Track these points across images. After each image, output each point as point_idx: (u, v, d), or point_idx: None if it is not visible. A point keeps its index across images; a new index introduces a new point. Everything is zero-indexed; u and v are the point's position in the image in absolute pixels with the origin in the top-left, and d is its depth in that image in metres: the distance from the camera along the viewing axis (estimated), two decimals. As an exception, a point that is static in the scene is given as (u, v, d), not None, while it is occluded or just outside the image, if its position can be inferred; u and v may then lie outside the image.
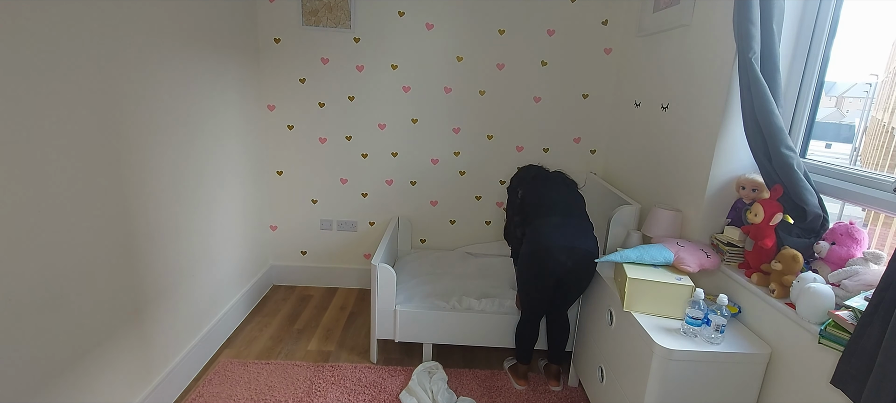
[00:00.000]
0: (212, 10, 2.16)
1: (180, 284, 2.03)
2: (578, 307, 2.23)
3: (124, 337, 1.69)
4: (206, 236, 2.23)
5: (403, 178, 2.99)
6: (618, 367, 1.73)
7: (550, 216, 2.01)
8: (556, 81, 2.82)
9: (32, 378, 1.32)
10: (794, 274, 1.41)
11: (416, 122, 2.88)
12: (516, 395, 2.16)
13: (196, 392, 2.04)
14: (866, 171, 1.50)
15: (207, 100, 2.17)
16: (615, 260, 1.74)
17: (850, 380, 1.13)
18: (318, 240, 3.09)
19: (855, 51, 1.66)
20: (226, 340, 2.47)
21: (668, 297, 1.59)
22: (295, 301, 2.95)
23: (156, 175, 1.81)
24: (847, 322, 1.18)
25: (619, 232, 2.13)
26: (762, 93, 1.46)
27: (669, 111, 2.11)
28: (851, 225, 1.41)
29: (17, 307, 1.25)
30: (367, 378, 2.21)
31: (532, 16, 2.71)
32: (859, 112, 1.91)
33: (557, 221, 1.98)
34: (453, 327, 2.26)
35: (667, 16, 2.15)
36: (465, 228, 3.08)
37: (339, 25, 2.68)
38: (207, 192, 2.22)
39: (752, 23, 1.47)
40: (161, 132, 1.82)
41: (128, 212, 1.66)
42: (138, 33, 1.66)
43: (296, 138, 2.89)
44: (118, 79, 1.57)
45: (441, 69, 2.79)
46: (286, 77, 2.78)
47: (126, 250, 1.67)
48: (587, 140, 2.93)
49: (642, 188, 2.34)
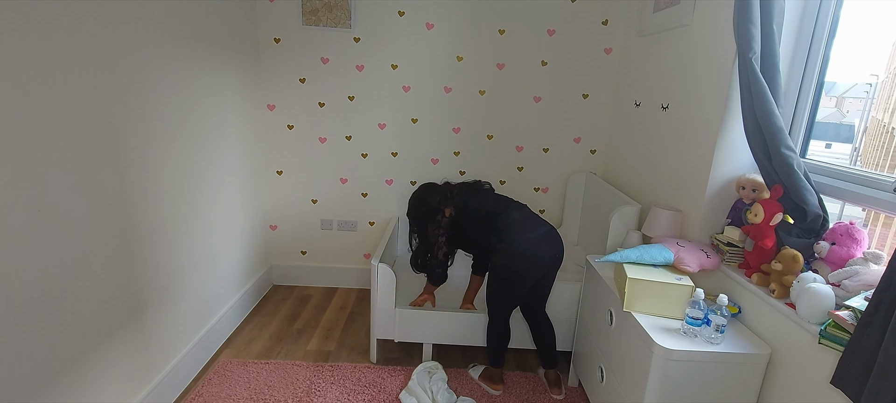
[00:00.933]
0: (212, 9, 2.16)
1: (180, 284, 2.03)
2: (578, 307, 2.23)
3: (124, 337, 1.69)
4: (206, 236, 2.23)
5: (403, 178, 2.99)
6: (618, 367, 1.73)
7: (510, 212, 2.03)
8: (556, 81, 2.82)
9: (32, 378, 1.32)
10: (795, 274, 1.41)
11: (416, 122, 2.88)
12: (516, 395, 2.16)
13: (196, 392, 2.04)
14: (866, 171, 1.50)
15: (207, 100, 2.17)
16: (615, 260, 1.74)
17: (850, 380, 1.13)
18: (318, 240, 3.09)
19: (855, 51, 1.66)
20: (226, 340, 2.47)
21: (668, 297, 1.59)
22: (295, 300, 2.95)
23: (156, 175, 1.81)
24: (847, 322, 1.18)
25: (619, 232, 2.13)
26: (762, 93, 1.46)
27: (669, 111, 2.11)
28: (851, 226, 1.41)
29: (17, 307, 1.25)
30: (367, 377, 2.21)
31: (532, 16, 2.71)
32: (859, 112, 1.91)
33: (519, 216, 2.01)
34: (453, 327, 2.26)
35: (667, 16, 2.15)
36: (465, 228, 3.08)
37: (339, 25, 2.68)
38: (207, 192, 2.22)
39: (752, 23, 1.47)
40: (161, 132, 1.82)
41: (127, 212, 1.66)
42: (138, 33, 1.66)
43: (296, 138, 2.89)
44: (118, 79, 1.57)
45: (441, 69, 2.79)
46: (286, 77, 2.78)
47: (126, 250, 1.67)
48: (587, 140, 2.93)
49: (642, 188, 2.34)
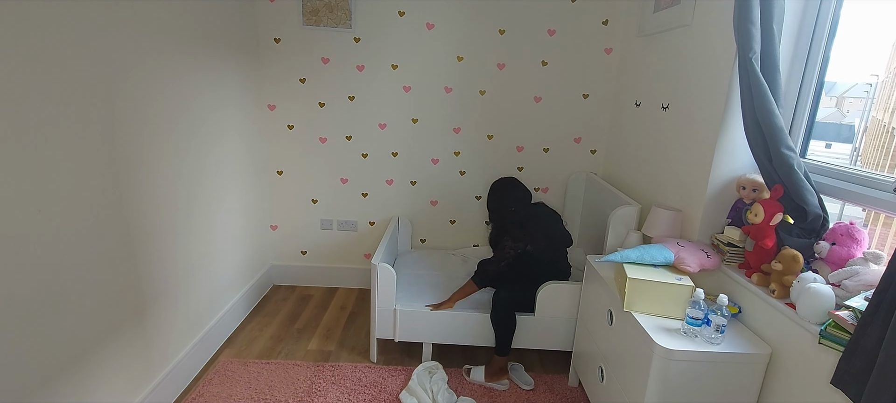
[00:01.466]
0: (212, 10, 2.16)
1: (180, 284, 2.03)
2: (578, 307, 2.23)
3: (124, 337, 1.69)
4: (206, 236, 2.23)
5: (403, 178, 2.99)
6: (618, 367, 1.73)
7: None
8: (556, 81, 2.82)
9: (32, 378, 1.32)
10: (795, 274, 1.41)
11: (417, 122, 2.88)
12: (516, 395, 2.16)
13: (196, 392, 2.04)
14: (866, 171, 1.50)
15: (208, 100, 2.17)
16: (615, 260, 1.74)
17: (850, 380, 1.13)
18: (319, 240, 3.09)
19: (855, 51, 1.66)
20: (226, 340, 2.47)
21: (668, 297, 1.59)
22: (295, 300, 2.95)
23: (156, 174, 1.81)
24: (847, 322, 1.18)
25: (619, 232, 2.13)
26: (762, 93, 1.46)
27: (670, 111, 2.11)
28: (851, 226, 1.41)
29: (17, 307, 1.25)
30: (367, 377, 2.21)
31: (532, 16, 2.71)
32: (859, 112, 1.91)
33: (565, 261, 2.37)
34: (453, 327, 2.26)
35: (667, 16, 2.15)
36: (465, 228, 3.08)
37: (340, 25, 2.68)
38: (207, 192, 2.22)
39: (752, 23, 1.47)
40: (161, 131, 1.83)
41: (128, 212, 1.66)
42: (138, 33, 1.66)
43: (296, 138, 2.89)
44: (118, 79, 1.57)
45: (441, 69, 2.79)
46: (286, 77, 2.78)
47: (126, 250, 1.67)
48: (587, 140, 2.93)
49: (642, 188, 2.34)
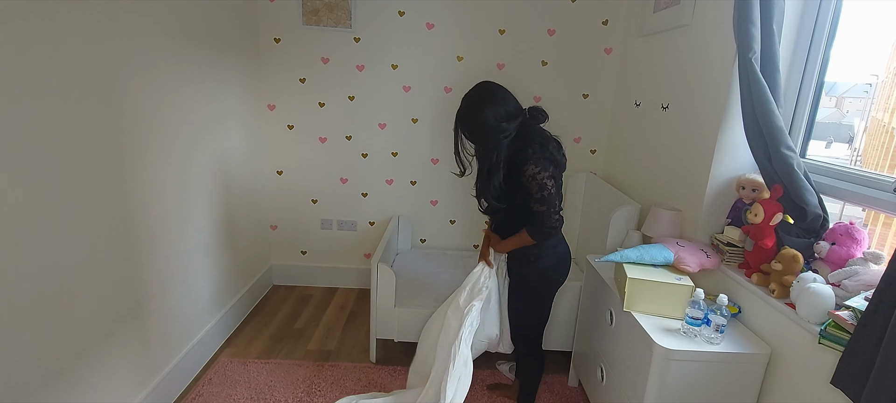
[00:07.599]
0: (212, 10, 2.16)
1: (180, 283, 2.03)
2: (578, 307, 2.23)
3: (124, 337, 1.69)
4: (206, 235, 2.23)
5: (403, 178, 2.99)
6: (618, 367, 1.73)
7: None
8: (556, 81, 2.82)
9: (32, 378, 1.32)
10: (794, 274, 1.41)
11: (416, 122, 2.88)
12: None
13: (196, 392, 2.04)
14: (866, 171, 1.50)
15: (207, 100, 2.17)
16: (615, 260, 1.73)
17: (850, 380, 1.13)
18: (318, 240, 3.09)
19: (855, 51, 1.66)
20: (226, 340, 2.47)
21: (668, 297, 1.59)
22: (295, 300, 2.95)
23: (156, 174, 1.81)
24: (847, 322, 1.18)
25: (619, 232, 2.13)
26: (762, 93, 1.46)
27: (669, 111, 2.11)
28: (851, 226, 1.41)
29: (17, 307, 1.25)
30: (367, 377, 2.21)
31: (532, 16, 2.70)
32: (859, 112, 1.91)
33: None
34: (453, 327, 2.25)
35: (667, 16, 2.15)
36: (465, 228, 3.08)
37: (340, 25, 2.68)
38: (207, 191, 2.22)
39: (752, 23, 1.47)
40: (161, 131, 1.82)
41: (128, 212, 1.66)
42: (138, 33, 1.66)
43: (296, 138, 2.89)
44: (118, 79, 1.57)
45: (441, 69, 2.79)
46: (286, 77, 2.78)
47: (126, 250, 1.67)
48: (587, 140, 2.93)
49: (642, 188, 2.34)
